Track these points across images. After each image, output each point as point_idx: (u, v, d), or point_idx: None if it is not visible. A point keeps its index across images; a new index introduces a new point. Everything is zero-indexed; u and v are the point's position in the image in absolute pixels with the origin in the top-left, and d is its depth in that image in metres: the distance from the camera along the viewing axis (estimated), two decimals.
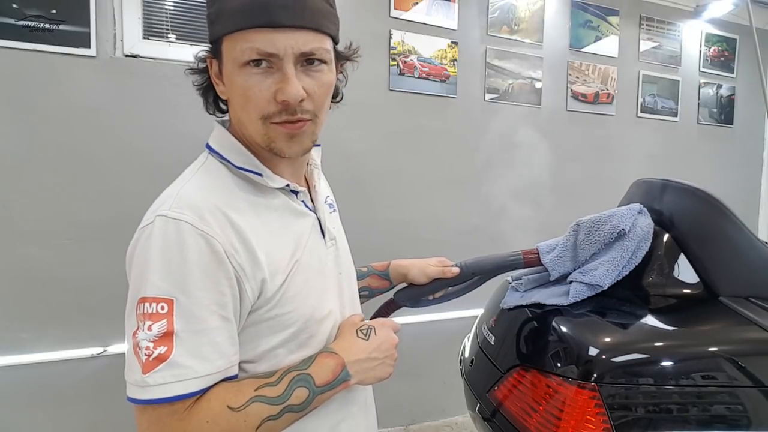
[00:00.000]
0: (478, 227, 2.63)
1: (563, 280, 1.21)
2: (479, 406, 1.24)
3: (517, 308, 1.25)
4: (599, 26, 2.93)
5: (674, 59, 3.20)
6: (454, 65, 2.53)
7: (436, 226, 2.54)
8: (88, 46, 1.84)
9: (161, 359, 0.58)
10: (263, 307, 0.67)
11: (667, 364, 1.02)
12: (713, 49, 3.33)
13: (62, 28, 1.80)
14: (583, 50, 2.89)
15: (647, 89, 3.11)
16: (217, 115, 0.79)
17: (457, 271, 1.09)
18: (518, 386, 1.12)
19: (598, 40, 2.93)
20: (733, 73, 3.41)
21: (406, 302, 1.11)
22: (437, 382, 2.54)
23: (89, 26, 1.84)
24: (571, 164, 2.89)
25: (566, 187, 2.87)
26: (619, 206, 1.29)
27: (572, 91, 2.87)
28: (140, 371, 0.59)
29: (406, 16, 2.40)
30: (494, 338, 1.29)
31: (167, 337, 0.59)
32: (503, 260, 1.14)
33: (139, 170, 1.93)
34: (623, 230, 1.15)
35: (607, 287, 1.13)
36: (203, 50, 0.74)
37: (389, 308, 1.13)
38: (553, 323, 1.12)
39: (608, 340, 1.06)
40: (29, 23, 1.75)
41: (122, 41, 1.90)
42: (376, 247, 2.04)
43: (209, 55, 0.72)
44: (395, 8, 2.38)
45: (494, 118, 2.65)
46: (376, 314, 1.14)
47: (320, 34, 0.67)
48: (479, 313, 1.54)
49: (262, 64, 0.65)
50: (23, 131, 1.79)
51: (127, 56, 1.91)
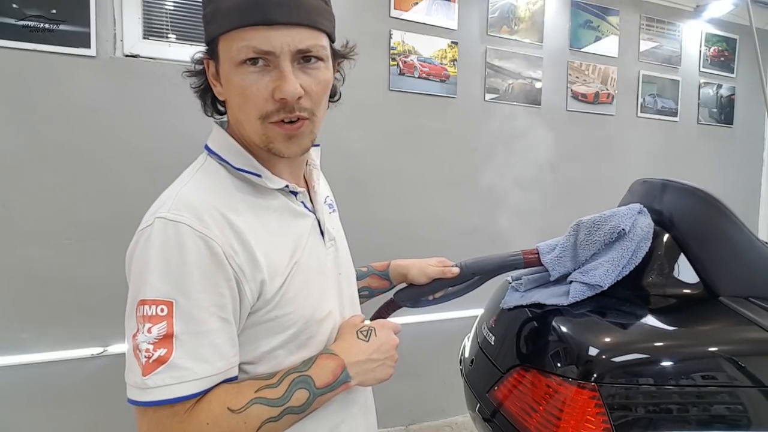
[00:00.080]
0: (478, 227, 2.63)
1: (563, 280, 1.21)
2: (479, 406, 1.24)
3: (517, 308, 1.25)
4: (599, 26, 2.93)
5: (674, 59, 3.20)
6: (454, 65, 2.53)
7: (436, 226, 2.54)
8: (88, 46, 1.84)
9: (161, 361, 0.58)
10: (263, 308, 0.67)
11: (667, 364, 1.02)
12: (713, 49, 3.33)
13: (62, 28, 1.80)
14: (583, 50, 2.89)
15: (647, 89, 3.11)
16: (215, 116, 0.78)
17: (457, 271, 1.09)
18: (518, 386, 1.12)
19: (598, 40, 2.93)
20: (733, 73, 3.41)
21: (406, 302, 1.11)
22: (437, 382, 2.54)
23: (89, 26, 1.84)
24: (571, 164, 2.89)
25: (566, 187, 2.87)
26: (619, 206, 1.29)
27: (572, 91, 2.87)
28: (140, 373, 0.59)
29: (406, 16, 2.40)
30: (494, 338, 1.29)
31: (167, 339, 0.59)
32: (503, 260, 1.14)
33: (139, 170, 1.93)
34: (623, 230, 1.15)
35: (607, 287, 1.13)
36: (199, 52, 0.73)
37: (389, 308, 1.13)
38: (553, 323, 1.12)
39: (608, 340, 1.06)
40: (29, 23, 1.75)
41: (122, 41, 1.90)
42: (376, 247, 2.04)
43: (206, 56, 0.72)
44: (395, 8, 2.38)
45: (494, 118, 2.65)
46: (376, 314, 1.14)
47: (316, 31, 0.67)
48: (479, 313, 1.54)
49: (258, 62, 0.64)
50: (23, 131, 1.79)
51: (127, 56, 1.91)
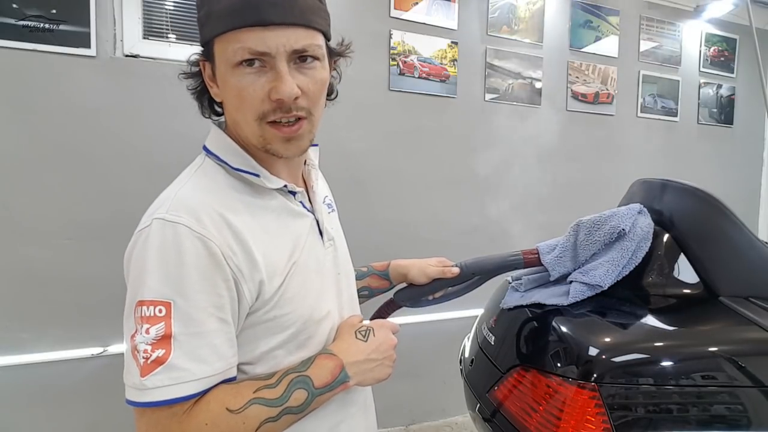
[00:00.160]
0: (478, 227, 2.63)
1: (563, 280, 1.21)
2: (479, 406, 1.24)
3: (517, 308, 1.25)
4: (599, 26, 2.93)
5: (674, 59, 3.20)
6: (454, 65, 2.53)
7: (436, 226, 2.54)
8: (88, 46, 1.84)
9: (159, 362, 0.58)
10: (261, 308, 0.67)
11: (667, 364, 1.02)
12: (713, 49, 3.33)
13: (62, 28, 1.80)
14: (583, 50, 2.89)
15: (647, 89, 3.11)
16: (213, 118, 0.78)
17: (457, 271, 1.09)
18: (518, 386, 1.12)
19: (598, 40, 2.93)
20: (733, 73, 3.41)
21: (405, 302, 1.11)
22: (437, 382, 2.54)
23: (89, 26, 1.84)
24: (571, 164, 2.89)
25: (566, 187, 2.87)
26: (619, 206, 1.29)
27: (572, 91, 2.87)
28: (138, 374, 0.59)
29: (406, 16, 2.40)
30: (494, 338, 1.29)
31: (165, 340, 0.59)
32: (503, 260, 1.14)
33: (138, 170, 1.93)
34: (623, 230, 1.15)
35: (607, 287, 1.13)
36: (195, 54, 0.73)
37: (389, 308, 1.13)
38: (553, 323, 1.12)
39: (608, 340, 1.06)
40: (29, 23, 1.75)
41: (122, 41, 1.90)
42: (376, 247, 2.04)
43: (202, 58, 0.72)
44: (395, 8, 2.37)
45: (494, 118, 2.65)
46: (375, 314, 1.14)
47: (311, 30, 0.66)
48: (479, 313, 1.54)
49: (254, 63, 0.64)
50: (23, 131, 1.79)
51: (127, 56, 1.91)
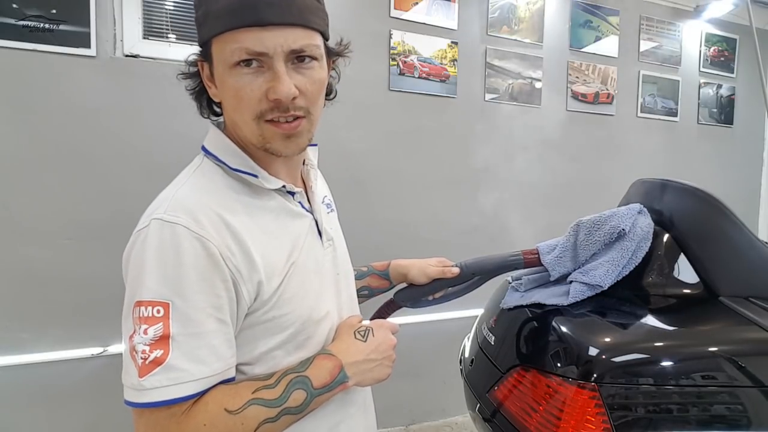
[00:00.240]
0: (478, 227, 2.63)
1: (563, 280, 1.21)
2: (479, 406, 1.24)
3: (517, 308, 1.25)
4: (599, 26, 2.93)
5: (674, 59, 3.20)
6: (454, 65, 2.53)
7: (436, 226, 2.54)
8: (88, 46, 1.84)
9: (157, 362, 0.58)
10: (260, 309, 0.67)
11: (667, 364, 1.02)
12: (713, 49, 3.33)
13: (62, 28, 1.80)
14: (583, 50, 2.89)
15: (647, 89, 3.11)
16: (211, 118, 0.78)
17: (457, 271, 1.09)
18: (518, 386, 1.12)
19: (598, 40, 2.93)
20: (733, 73, 3.41)
21: (405, 302, 1.11)
22: (437, 382, 2.54)
23: (89, 26, 1.84)
24: (571, 164, 2.89)
25: (566, 187, 2.87)
26: (619, 206, 1.29)
27: (572, 91, 2.87)
28: (137, 375, 0.59)
29: (406, 16, 2.40)
30: (494, 338, 1.29)
31: (163, 340, 0.59)
32: (503, 260, 1.14)
33: (138, 170, 1.93)
34: (623, 230, 1.15)
35: (607, 287, 1.13)
36: (193, 54, 0.73)
37: (389, 308, 1.13)
38: (553, 323, 1.12)
39: (608, 340, 1.06)
40: (29, 23, 1.75)
41: (122, 41, 1.90)
42: (375, 247, 2.04)
43: (200, 58, 0.72)
44: (395, 8, 2.37)
45: (494, 118, 2.65)
46: (375, 314, 1.14)
47: (309, 30, 0.66)
48: (479, 313, 1.54)
49: (252, 63, 0.64)
50: (23, 131, 1.79)
51: (127, 56, 1.91)
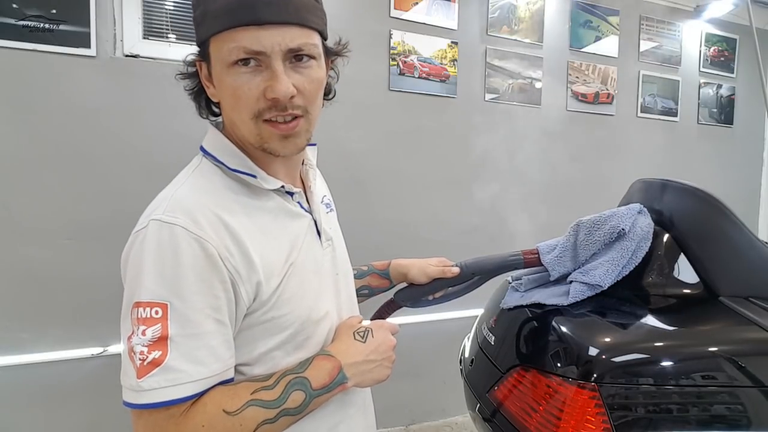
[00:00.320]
0: (478, 227, 2.63)
1: (563, 280, 1.21)
2: (479, 406, 1.24)
3: (517, 308, 1.25)
4: (599, 26, 2.93)
5: (674, 59, 3.20)
6: (454, 65, 2.53)
7: (436, 226, 2.54)
8: (88, 46, 1.84)
9: (156, 364, 0.58)
10: (259, 309, 0.67)
11: (667, 364, 1.02)
12: (713, 49, 3.33)
13: (62, 28, 1.80)
14: (583, 50, 2.89)
15: (647, 89, 3.11)
16: (210, 118, 0.78)
17: (457, 271, 1.09)
18: (518, 386, 1.12)
19: (598, 40, 2.93)
20: (733, 73, 3.41)
21: (405, 302, 1.11)
22: (437, 382, 2.54)
23: (89, 26, 1.84)
24: (571, 164, 2.89)
25: (566, 187, 2.87)
26: (619, 206, 1.29)
27: (572, 91, 2.87)
28: (135, 376, 0.59)
29: (406, 16, 2.40)
30: (494, 338, 1.29)
31: (161, 341, 0.59)
32: (503, 260, 1.14)
33: (138, 170, 1.93)
34: (623, 230, 1.15)
35: (607, 287, 1.13)
36: (191, 54, 0.73)
37: (389, 308, 1.13)
38: (553, 323, 1.12)
39: (608, 340, 1.06)
40: (29, 23, 1.75)
41: (122, 41, 1.90)
42: (375, 247, 2.04)
43: (198, 58, 0.72)
44: (395, 8, 2.37)
45: (494, 118, 2.65)
46: (376, 314, 1.14)
47: (307, 29, 0.66)
48: (479, 313, 1.54)
49: (250, 63, 0.64)
50: (23, 131, 1.79)
51: (127, 56, 1.91)
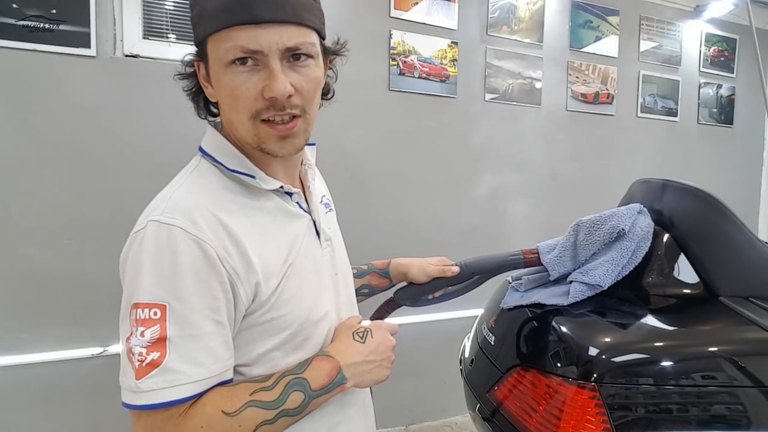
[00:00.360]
0: (478, 227, 2.63)
1: (563, 280, 1.21)
2: (479, 406, 1.24)
3: (517, 308, 1.25)
4: (599, 26, 2.93)
5: (674, 59, 3.20)
6: (454, 65, 2.53)
7: (436, 226, 2.54)
8: (88, 46, 1.84)
9: (154, 365, 0.58)
10: (258, 310, 0.67)
11: (667, 364, 1.01)
12: (713, 49, 3.33)
13: (62, 28, 1.80)
14: (583, 50, 2.89)
15: (647, 89, 3.11)
16: (208, 119, 0.78)
17: (457, 270, 1.09)
18: (518, 386, 1.12)
19: (598, 40, 2.93)
20: (733, 73, 3.41)
21: (405, 301, 1.11)
22: (437, 382, 2.54)
23: (89, 26, 1.84)
24: (571, 164, 2.89)
25: (566, 187, 2.87)
26: (619, 206, 1.29)
27: (572, 91, 2.87)
28: (134, 377, 0.59)
29: (406, 16, 2.40)
30: (494, 338, 1.29)
31: (160, 342, 0.59)
32: (503, 260, 1.14)
33: (138, 170, 1.93)
34: (623, 230, 1.15)
35: (607, 287, 1.13)
36: (189, 54, 0.72)
37: (389, 307, 1.13)
38: (553, 323, 1.12)
39: (608, 340, 1.06)
40: (29, 23, 1.75)
41: (122, 41, 1.90)
42: (375, 247, 2.04)
43: (196, 58, 0.71)
44: (395, 8, 2.37)
45: (494, 118, 2.65)
46: (375, 313, 1.14)
47: (304, 28, 0.66)
48: (479, 313, 1.54)
49: (247, 62, 0.64)
50: (23, 131, 1.79)
51: (127, 56, 1.91)
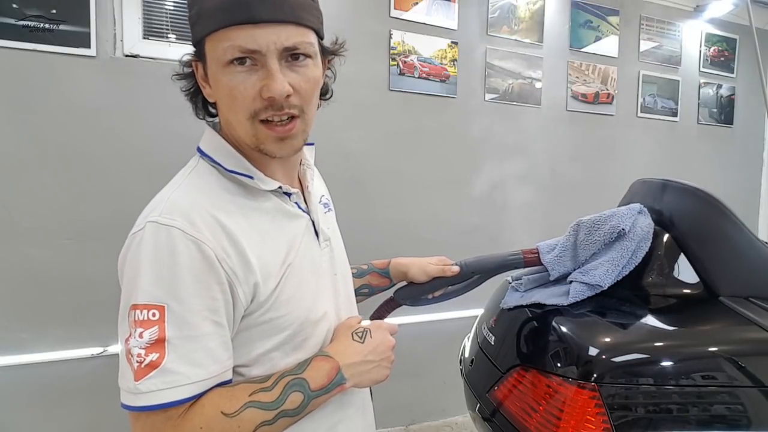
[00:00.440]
0: (478, 227, 2.63)
1: (563, 280, 1.21)
2: (479, 406, 1.24)
3: (517, 308, 1.25)
4: (599, 26, 2.93)
5: (674, 59, 3.20)
6: (454, 65, 2.53)
7: (436, 226, 2.54)
8: (88, 46, 1.84)
9: (153, 366, 0.58)
10: (257, 311, 0.67)
11: (667, 364, 1.01)
12: (713, 49, 3.33)
13: (62, 28, 1.80)
14: (583, 50, 2.89)
15: (647, 89, 3.11)
16: (207, 119, 0.78)
17: (457, 269, 1.09)
18: (518, 386, 1.12)
19: (598, 40, 2.93)
20: (733, 73, 3.41)
21: (405, 300, 1.11)
22: (437, 382, 2.54)
23: (89, 26, 1.84)
24: (571, 164, 2.89)
25: (566, 187, 2.87)
26: (619, 206, 1.29)
27: (572, 91, 2.87)
28: (132, 378, 0.59)
29: (406, 16, 2.40)
30: (494, 338, 1.29)
31: (159, 343, 0.59)
32: (503, 260, 1.14)
33: (138, 170, 1.93)
34: (623, 230, 1.15)
35: (607, 287, 1.13)
36: (187, 54, 0.72)
37: (389, 307, 1.13)
38: (553, 323, 1.12)
39: (608, 340, 1.06)
40: (29, 23, 1.75)
41: (122, 41, 1.90)
42: (375, 247, 2.04)
43: (194, 58, 0.71)
44: (395, 8, 2.37)
45: (494, 118, 2.65)
46: (375, 313, 1.14)
47: (302, 27, 0.66)
48: (479, 313, 1.54)
49: (245, 62, 0.64)
50: (23, 131, 1.79)
51: (127, 56, 1.91)
